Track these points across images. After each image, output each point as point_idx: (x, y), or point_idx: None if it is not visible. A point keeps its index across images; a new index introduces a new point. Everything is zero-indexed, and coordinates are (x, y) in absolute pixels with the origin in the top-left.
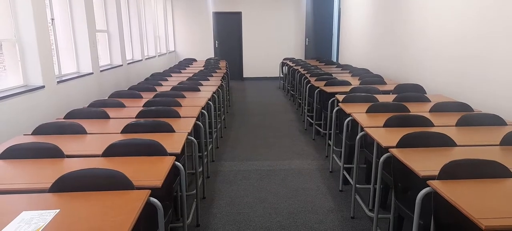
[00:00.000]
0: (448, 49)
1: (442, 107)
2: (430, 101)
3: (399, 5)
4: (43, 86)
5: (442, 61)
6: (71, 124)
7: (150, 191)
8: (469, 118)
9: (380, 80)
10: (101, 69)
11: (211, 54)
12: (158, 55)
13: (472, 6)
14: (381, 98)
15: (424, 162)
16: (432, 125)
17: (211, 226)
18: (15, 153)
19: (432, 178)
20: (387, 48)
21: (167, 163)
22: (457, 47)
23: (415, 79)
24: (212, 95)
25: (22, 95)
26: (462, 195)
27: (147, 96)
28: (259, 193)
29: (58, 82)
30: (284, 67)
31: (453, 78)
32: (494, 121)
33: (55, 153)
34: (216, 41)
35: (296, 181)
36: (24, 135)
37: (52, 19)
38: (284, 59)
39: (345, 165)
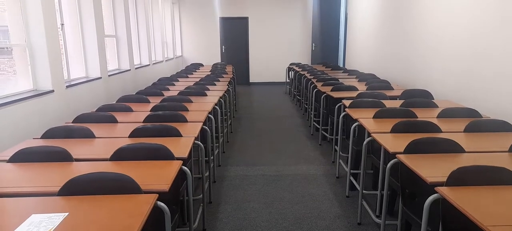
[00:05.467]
0: (456, 54)
1: (450, 113)
2: (438, 107)
3: (406, 10)
4: (52, 91)
5: (450, 67)
6: (79, 128)
7: (158, 195)
8: (478, 124)
9: (387, 85)
10: (109, 74)
11: (217, 59)
12: (165, 60)
13: (483, 14)
14: (388, 103)
15: (432, 168)
16: (440, 131)
17: None
18: (25, 157)
19: (440, 184)
20: (394, 53)
21: (174, 167)
22: (465, 52)
23: (423, 85)
24: (219, 100)
25: (31, 99)
26: (470, 202)
27: (155, 100)
28: (265, 198)
29: (67, 86)
30: (290, 72)
31: (461, 84)
32: (503, 127)
33: (64, 157)
34: (223, 46)
35: (302, 186)
36: (33, 138)
37: (62, 25)
38: (290, 64)
39: (352, 171)
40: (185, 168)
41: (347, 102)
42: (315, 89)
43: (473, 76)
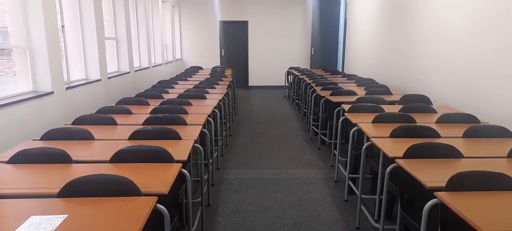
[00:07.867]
0: (454, 61)
1: (448, 119)
2: (437, 112)
3: (404, 15)
4: (52, 92)
5: (448, 72)
6: (79, 130)
7: (157, 197)
8: (476, 129)
9: (386, 90)
10: (109, 76)
11: (217, 62)
12: (165, 63)
13: (481, 21)
14: (387, 108)
15: (430, 173)
16: (439, 136)
17: None
18: (24, 158)
19: (439, 189)
20: (393, 58)
21: (173, 170)
22: (464, 58)
23: (421, 90)
24: (218, 103)
25: (31, 101)
26: (469, 207)
27: (154, 103)
28: (264, 202)
29: (67, 88)
30: (289, 76)
31: (460, 90)
32: (501, 133)
33: (63, 159)
34: (223, 50)
35: (301, 190)
36: (32, 140)
37: (62, 27)
38: (289, 68)
39: (350, 175)
40: (185, 170)
41: (346, 107)
42: (314, 94)
43: (471, 82)
